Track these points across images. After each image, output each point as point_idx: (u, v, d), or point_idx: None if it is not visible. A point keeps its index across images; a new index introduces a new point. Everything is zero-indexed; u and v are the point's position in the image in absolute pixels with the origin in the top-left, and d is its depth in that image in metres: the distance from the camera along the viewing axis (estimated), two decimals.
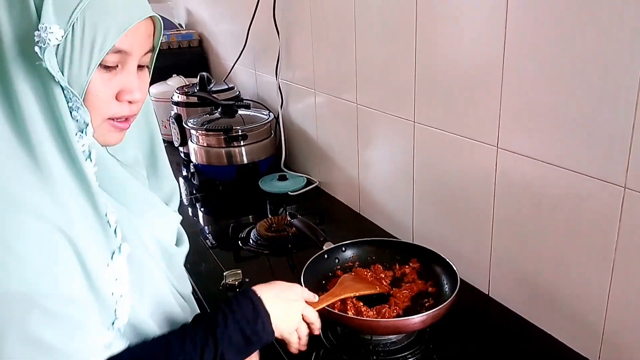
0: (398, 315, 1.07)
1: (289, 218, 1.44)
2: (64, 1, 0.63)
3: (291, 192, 1.80)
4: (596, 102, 0.89)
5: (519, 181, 1.06)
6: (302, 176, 1.90)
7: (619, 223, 0.90)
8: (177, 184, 0.92)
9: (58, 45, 0.63)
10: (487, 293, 1.22)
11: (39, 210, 0.63)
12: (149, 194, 0.84)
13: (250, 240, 1.48)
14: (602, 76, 0.87)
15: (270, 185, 1.85)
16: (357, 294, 1.09)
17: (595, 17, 0.86)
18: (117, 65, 0.70)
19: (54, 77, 0.64)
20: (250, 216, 1.69)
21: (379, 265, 1.21)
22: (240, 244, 1.48)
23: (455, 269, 1.10)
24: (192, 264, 1.16)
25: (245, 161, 1.90)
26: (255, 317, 0.79)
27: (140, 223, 0.79)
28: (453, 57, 1.15)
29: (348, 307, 1.06)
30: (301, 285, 1.06)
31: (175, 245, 0.90)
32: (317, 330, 0.92)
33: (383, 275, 1.18)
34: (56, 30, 0.62)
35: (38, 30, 0.62)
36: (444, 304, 1.00)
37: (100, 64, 0.67)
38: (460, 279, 1.07)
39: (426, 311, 1.00)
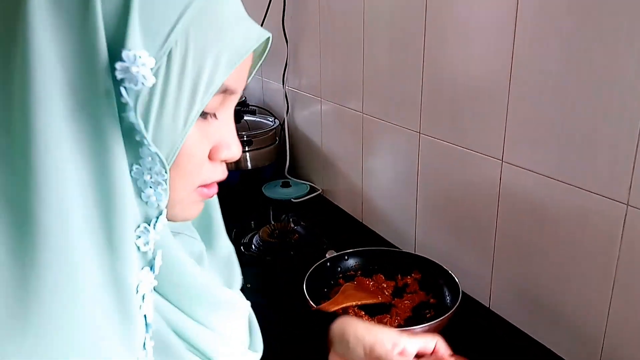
0: (399, 326, 1.07)
1: (292, 225, 1.45)
2: (157, 12, 0.39)
3: (294, 199, 1.80)
4: (601, 119, 0.89)
5: (522, 195, 1.07)
6: (305, 183, 1.90)
7: (621, 240, 0.90)
8: (232, 246, 0.66)
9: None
10: (487, 306, 1.22)
11: None
12: (215, 287, 0.56)
13: (253, 246, 1.49)
14: (607, 93, 0.88)
15: (274, 191, 1.85)
16: (359, 303, 1.10)
17: (602, 35, 0.87)
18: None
19: (135, 138, 0.40)
20: (253, 222, 1.70)
21: (381, 275, 1.22)
22: (243, 250, 1.48)
23: (457, 281, 1.11)
24: None
25: (249, 167, 1.90)
26: None
27: (207, 336, 0.53)
28: (460, 69, 1.16)
29: (349, 316, 1.07)
30: (304, 292, 1.07)
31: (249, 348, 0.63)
32: None
33: (385, 285, 1.19)
34: (146, 59, 0.38)
35: (122, 60, 0.37)
36: (445, 315, 1.01)
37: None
38: (461, 291, 1.08)
39: (427, 322, 1.00)
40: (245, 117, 1.98)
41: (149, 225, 0.43)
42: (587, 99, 0.91)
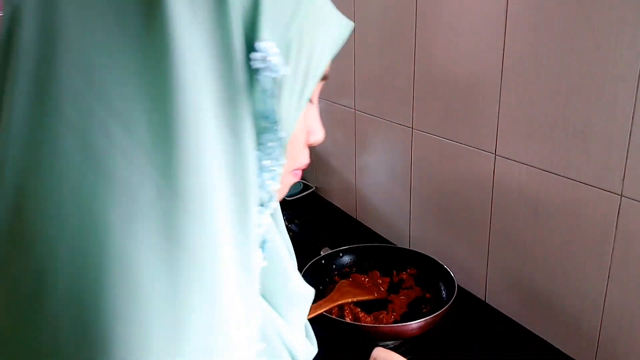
0: (395, 321, 1.07)
1: (286, 223, 1.44)
2: (279, 5, 0.41)
3: (287, 197, 1.80)
4: (593, 110, 0.89)
5: (516, 188, 1.07)
6: (298, 181, 1.89)
7: (615, 230, 0.90)
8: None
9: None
10: (483, 299, 1.22)
11: None
12: (299, 278, 0.60)
13: None
14: (599, 85, 0.88)
15: None
16: (355, 300, 1.09)
17: (592, 27, 0.87)
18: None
19: (261, 125, 0.42)
20: None
21: (377, 271, 1.21)
22: None
23: (452, 275, 1.11)
24: None
25: None
26: None
27: (287, 330, 0.56)
28: (452, 64, 1.16)
29: (345, 313, 1.06)
30: None
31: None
32: None
33: (380, 281, 1.19)
34: (275, 49, 0.40)
35: (254, 50, 0.39)
36: (441, 310, 1.00)
37: None
38: (457, 285, 1.08)
39: (423, 317, 1.00)
40: None
41: (263, 207, 0.45)
42: (579, 90, 0.91)
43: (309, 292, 0.61)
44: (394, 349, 1.07)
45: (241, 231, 0.40)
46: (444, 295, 1.13)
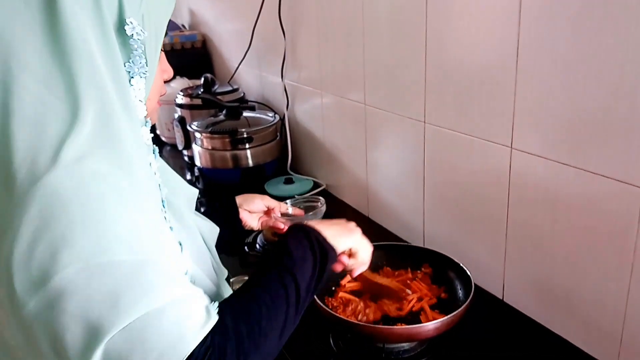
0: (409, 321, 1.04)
1: None
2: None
3: (298, 195, 1.77)
4: (613, 100, 0.86)
5: (533, 182, 1.04)
6: (308, 179, 1.87)
7: (638, 225, 0.87)
8: None
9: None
10: (501, 298, 1.19)
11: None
12: (175, 174, 0.90)
13: (257, 245, 1.46)
14: (618, 74, 0.84)
15: (277, 188, 1.82)
16: (388, 284, 1.08)
17: (611, 14, 0.83)
18: None
19: (134, 52, 0.66)
20: None
21: (390, 270, 1.19)
22: (247, 250, 1.45)
23: (469, 273, 1.08)
24: None
25: (251, 164, 1.87)
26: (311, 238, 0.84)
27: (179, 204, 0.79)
28: (465, 54, 1.13)
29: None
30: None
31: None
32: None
33: None
34: (135, 22, 0.65)
35: (126, 23, 0.64)
36: (458, 310, 0.97)
37: None
38: (474, 283, 1.05)
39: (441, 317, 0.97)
40: (245, 114, 1.94)
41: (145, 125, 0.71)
42: (598, 80, 0.88)
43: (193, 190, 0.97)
44: (409, 350, 1.04)
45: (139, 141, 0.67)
46: (460, 295, 1.10)
